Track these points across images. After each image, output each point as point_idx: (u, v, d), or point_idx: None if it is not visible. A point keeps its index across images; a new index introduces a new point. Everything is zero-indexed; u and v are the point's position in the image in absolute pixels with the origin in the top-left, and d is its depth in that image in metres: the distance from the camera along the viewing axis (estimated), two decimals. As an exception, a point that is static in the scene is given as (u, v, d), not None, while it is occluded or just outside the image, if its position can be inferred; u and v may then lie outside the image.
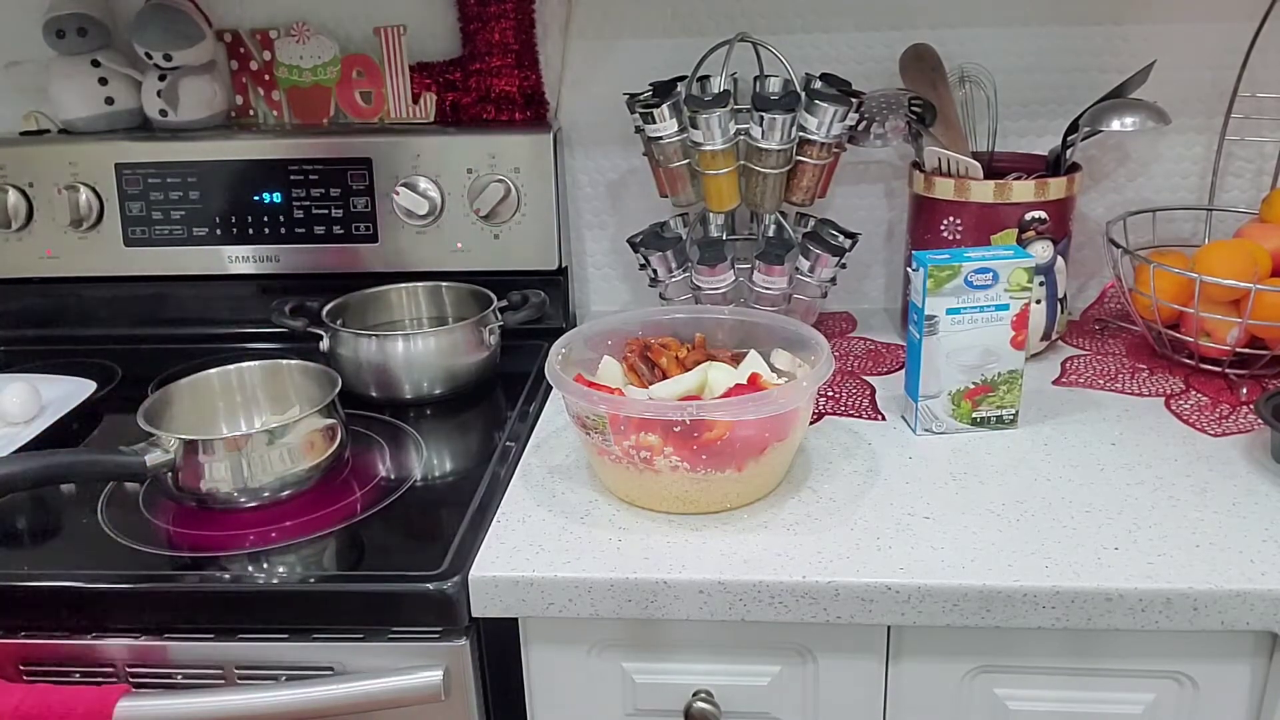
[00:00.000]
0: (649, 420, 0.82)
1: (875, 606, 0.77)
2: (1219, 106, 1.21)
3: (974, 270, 0.94)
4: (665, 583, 0.78)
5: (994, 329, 0.96)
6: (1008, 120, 1.24)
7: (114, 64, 1.27)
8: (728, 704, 0.83)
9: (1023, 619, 0.76)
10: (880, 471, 0.92)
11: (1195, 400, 1.04)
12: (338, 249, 1.27)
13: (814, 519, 0.85)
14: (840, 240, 1.17)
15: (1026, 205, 1.09)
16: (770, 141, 1.10)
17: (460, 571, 0.79)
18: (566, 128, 1.30)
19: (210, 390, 1.00)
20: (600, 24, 1.26)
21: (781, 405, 0.83)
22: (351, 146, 1.24)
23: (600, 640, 0.83)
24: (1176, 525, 0.82)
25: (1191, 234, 1.26)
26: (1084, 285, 1.31)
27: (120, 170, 1.25)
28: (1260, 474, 0.90)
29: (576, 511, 0.87)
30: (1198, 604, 0.75)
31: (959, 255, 0.95)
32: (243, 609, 0.81)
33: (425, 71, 1.27)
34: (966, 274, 0.94)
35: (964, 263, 0.94)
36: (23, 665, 0.82)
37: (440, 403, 1.12)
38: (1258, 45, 1.16)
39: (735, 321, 1.00)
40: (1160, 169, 1.26)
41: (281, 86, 1.30)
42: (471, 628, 0.80)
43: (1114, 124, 1.07)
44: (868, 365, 1.16)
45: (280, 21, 1.28)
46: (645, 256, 1.18)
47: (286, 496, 0.91)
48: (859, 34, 1.24)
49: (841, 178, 1.23)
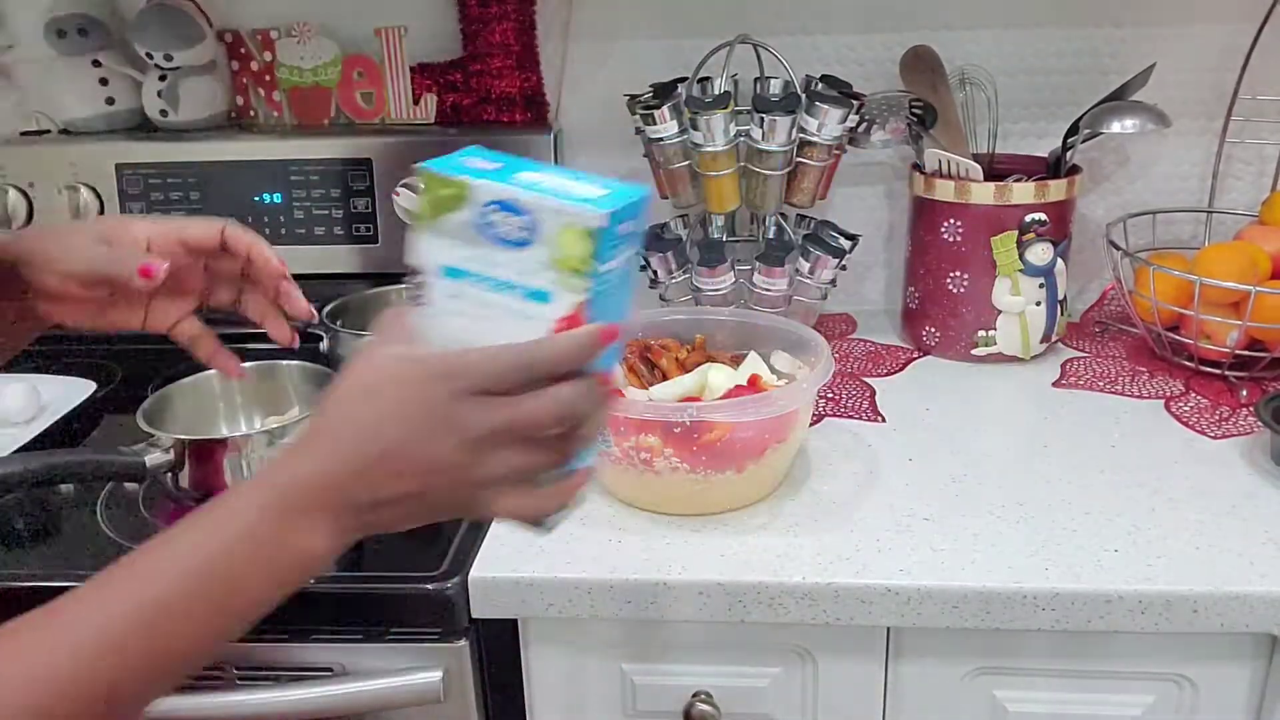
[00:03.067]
0: (649, 421, 0.82)
1: (875, 608, 0.77)
2: (1219, 109, 1.20)
3: (491, 203, 0.51)
4: (665, 584, 0.78)
5: (519, 328, 0.52)
6: (1008, 122, 1.24)
7: (115, 64, 1.27)
8: (727, 705, 0.83)
9: (1022, 621, 0.76)
10: (880, 473, 0.92)
11: (1195, 402, 1.04)
12: (338, 249, 1.27)
13: (814, 520, 0.85)
14: (840, 242, 1.17)
15: (1027, 207, 1.09)
16: (771, 143, 1.10)
17: (460, 572, 0.79)
18: (567, 129, 1.30)
19: (210, 390, 1.00)
20: (601, 25, 1.26)
21: (781, 407, 0.83)
22: (352, 147, 1.24)
23: (600, 641, 0.83)
24: (1176, 527, 0.82)
25: (1191, 236, 1.26)
26: (1084, 287, 1.30)
27: (120, 170, 1.25)
28: (1260, 476, 0.90)
29: (576, 512, 0.86)
30: (1197, 606, 0.74)
31: (509, 169, 0.53)
32: (242, 609, 0.81)
33: (426, 72, 1.27)
34: (480, 205, 0.52)
35: (482, 181, 0.51)
36: (22, 665, 0.82)
37: (440, 403, 1.12)
38: (1258, 48, 1.16)
39: (735, 323, 1.00)
40: (1160, 171, 1.26)
41: (282, 87, 1.30)
42: (471, 629, 0.80)
43: (1114, 126, 1.08)
44: (868, 367, 1.16)
45: (281, 22, 1.28)
46: (645, 258, 1.18)
47: (286, 497, 0.91)
48: (859, 36, 1.24)
49: (842, 179, 1.23)
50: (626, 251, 0.54)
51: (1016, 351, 1.14)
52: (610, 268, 0.52)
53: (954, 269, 1.13)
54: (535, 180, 0.52)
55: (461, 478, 0.52)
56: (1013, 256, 1.09)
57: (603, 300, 0.52)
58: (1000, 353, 1.14)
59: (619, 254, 0.53)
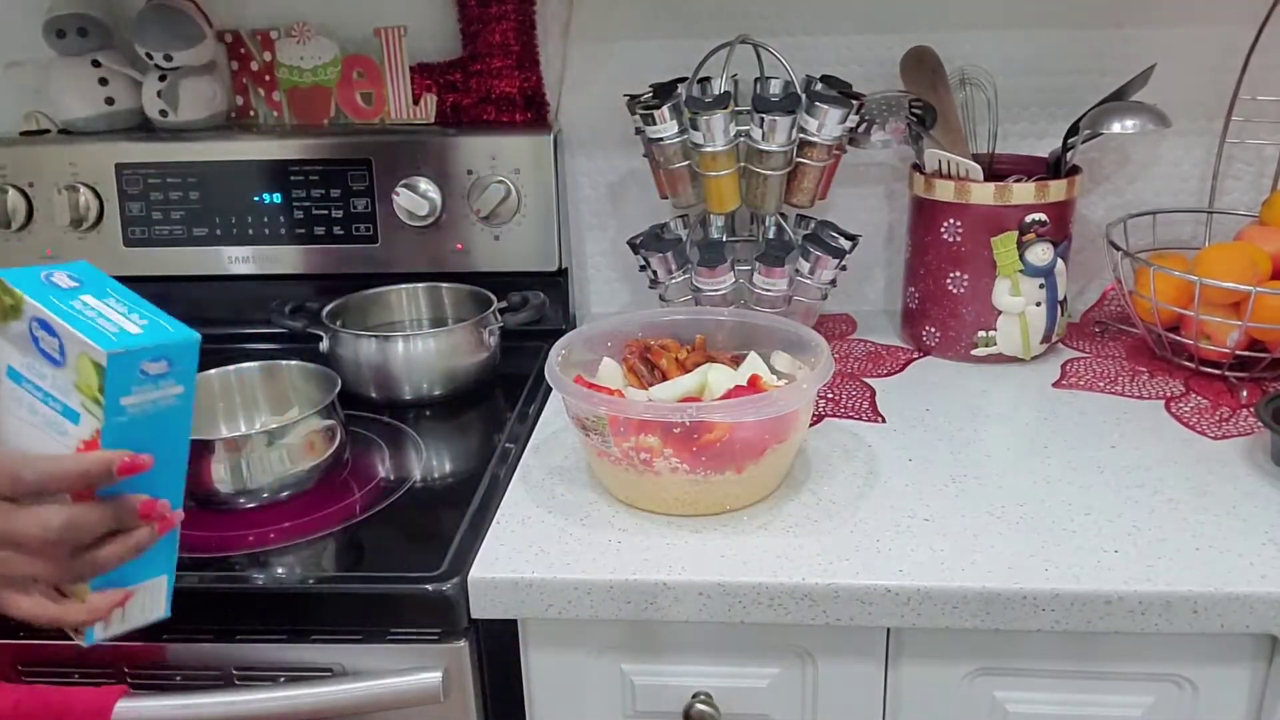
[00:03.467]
0: (649, 422, 0.82)
1: (875, 609, 0.77)
2: (1219, 109, 1.20)
3: (35, 319, 0.55)
4: (665, 584, 0.78)
5: (53, 442, 0.56)
6: (1008, 123, 1.24)
7: (114, 64, 1.27)
8: (727, 706, 0.83)
9: (1022, 621, 0.76)
10: (880, 473, 0.92)
11: (1195, 403, 1.04)
12: (338, 250, 1.27)
13: (813, 521, 0.85)
14: (840, 242, 1.17)
15: (1027, 208, 1.08)
16: (771, 143, 1.10)
17: (459, 573, 0.79)
18: (567, 129, 1.30)
19: (210, 391, 1.00)
20: (601, 25, 1.26)
21: (781, 407, 0.83)
22: (352, 147, 1.24)
23: (599, 642, 0.83)
24: (1176, 528, 0.82)
25: (1191, 237, 1.26)
26: (1084, 288, 1.30)
27: (120, 170, 1.25)
28: (1260, 477, 0.90)
29: (576, 513, 0.87)
30: (1197, 607, 0.74)
31: (82, 289, 0.58)
32: (242, 610, 0.81)
33: (426, 72, 1.27)
34: (31, 319, 0.56)
35: (31, 299, 0.56)
36: (21, 666, 0.82)
37: (440, 404, 1.12)
38: (1258, 48, 1.16)
39: (735, 323, 1.00)
40: (1160, 172, 1.26)
41: (282, 87, 1.30)
42: (471, 629, 0.80)
43: (1114, 127, 1.07)
44: (868, 367, 1.16)
45: (281, 22, 1.28)
46: (645, 258, 1.18)
47: (286, 497, 0.91)
48: (859, 36, 1.24)
49: (842, 179, 1.23)
50: (162, 390, 0.57)
51: (1016, 352, 1.14)
52: (133, 402, 0.55)
53: (954, 269, 1.13)
54: (86, 306, 0.56)
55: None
56: (1013, 257, 1.09)
57: (132, 431, 0.56)
58: (1000, 353, 1.14)
59: (144, 392, 0.56)
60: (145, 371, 0.55)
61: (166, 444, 0.58)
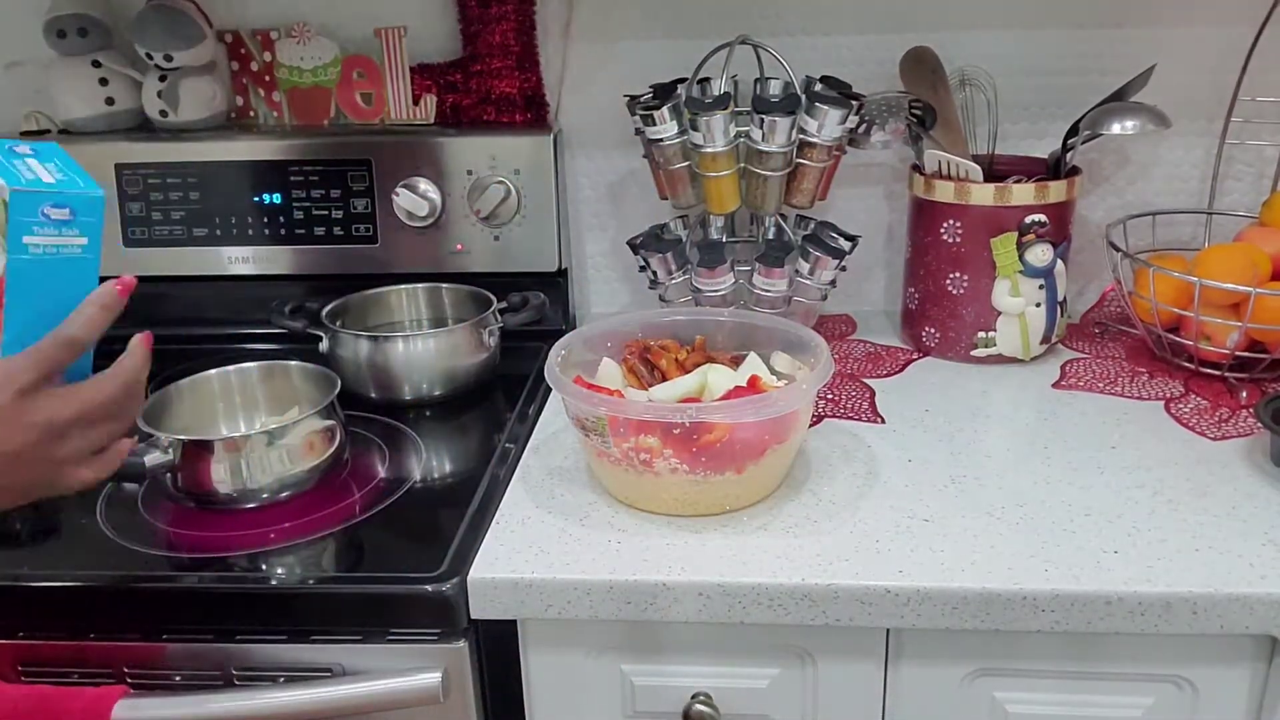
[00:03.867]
0: (648, 422, 0.82)
1: (874, 609, 0.77)
2: (1219, 110, 1.21)
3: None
4: (664, 585, 0.78)
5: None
6: (1008, 123, 1.24)
7: (114, 64, 1.27)
8: (726, 706, 0.83)
9: (1022, 622, 0.76)
10: (879, 474, 0.92)
11: (1195, 404, 1.04)
12: (338, 250, 1.27)
13: (813, 521, 0.85)
14: (840, 243, 1.17)
15: (1026, 208, 1.09)
16: (771, 144, 1.10)
17: (459, 573, 0.79)
18: (567, 129, 1.30)
19: (210, 391, 1.00)
20: (601, 26, 1.26)
21: (781, 408, 0.83)
22: (352, 148, 1.24)
23: (599, 642, 0.83)
24: (1176, 529, 0.82)
25: (1191, 237, 1.26)
26: (1084, 288, 1.31)
27: (120, 170, 1.25)
28: (1260, 478, 0.90)
29: (576, 513, 0.87)
30: (1197, 608, 0.74)
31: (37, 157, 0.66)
32: (242, 610, 0.81)
33: (426, 73, 1.27)
34: None
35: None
36: (21, 666, 0.82)
37: (440, 404, 1.12)
38: (1258, 49, 1.16)
39: (735, 324, 1.00)
40: (1160, 172, 1.26)
41: (282, 87, 1.30)
42: (470, 629, 0.80)
43: (1114, 127, 1.07)
44: (867, 368, 1.16)
45: (281, 22, 1.28)
46: (645, 258, 1.18)
47: (286, 497, 0.91)
48: (859, 37, 1.24)
49: (842, 180, 1.23)
50: (65, 238, 0.64)
51: (1016, 353, 1.14)
52: (35, 242, 0.62)
53: (954, 270, 1.13)
54: (23, 165, 0.64)
55: (44, 457, 0.62)
56: (1012, 258, 1.09)
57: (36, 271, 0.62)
58: (1000, 354, 1.14)
59: (47, 234, 0.63)
60: (47, 215, 0.62)
61: (71, 295, 0.65)
